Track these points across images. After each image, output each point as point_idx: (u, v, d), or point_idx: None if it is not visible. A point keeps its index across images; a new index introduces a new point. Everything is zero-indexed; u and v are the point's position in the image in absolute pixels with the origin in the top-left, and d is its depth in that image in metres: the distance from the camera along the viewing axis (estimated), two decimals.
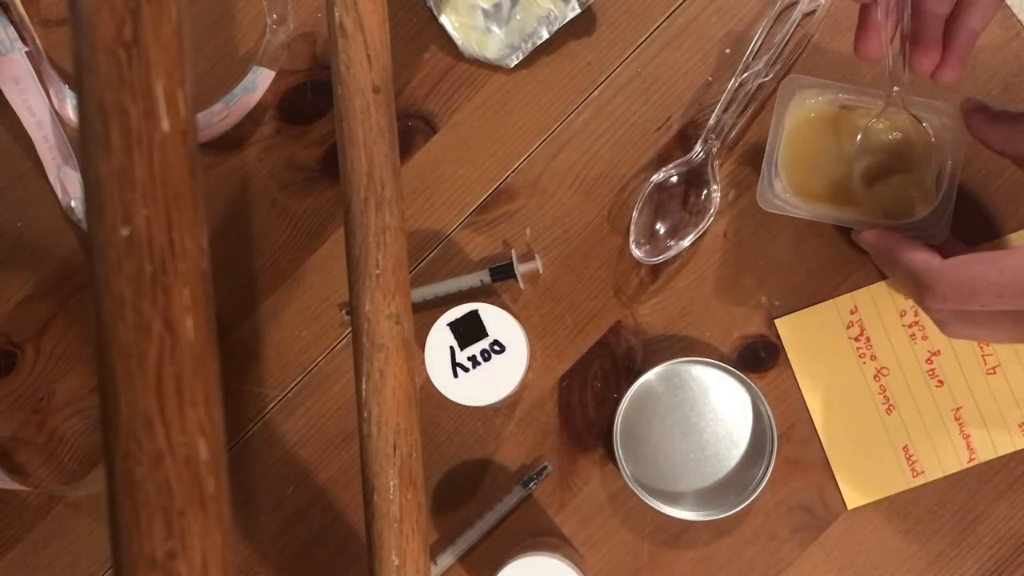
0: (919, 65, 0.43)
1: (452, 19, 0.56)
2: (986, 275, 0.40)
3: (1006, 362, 0.53)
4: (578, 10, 0.55)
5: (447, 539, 0.55)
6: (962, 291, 0.41)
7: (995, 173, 0.54)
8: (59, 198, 0.58)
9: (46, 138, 0.58)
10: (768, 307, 0.55)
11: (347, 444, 0.57)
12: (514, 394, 0.52)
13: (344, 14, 0.43)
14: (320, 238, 0.58)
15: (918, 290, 0.43)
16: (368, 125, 0.43)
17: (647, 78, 0.57)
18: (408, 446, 0.42)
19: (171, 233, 0.26)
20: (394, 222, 0.43)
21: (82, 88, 0.26)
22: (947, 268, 0.42)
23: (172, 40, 0.26)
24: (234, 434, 0.57)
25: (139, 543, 0.26)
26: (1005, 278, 0.40)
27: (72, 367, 0.58)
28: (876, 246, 0.48)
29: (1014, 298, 0.39)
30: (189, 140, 0.27)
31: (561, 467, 0.55)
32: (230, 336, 0.58)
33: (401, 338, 0.43)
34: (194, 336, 0.26)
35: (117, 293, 0.26)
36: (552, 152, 0.57)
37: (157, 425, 0.26)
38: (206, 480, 0.26)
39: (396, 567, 0.41)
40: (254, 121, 0.58)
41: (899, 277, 0.45)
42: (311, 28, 0.59)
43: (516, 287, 0.56)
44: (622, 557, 0.55)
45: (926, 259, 0.44)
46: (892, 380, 0.54)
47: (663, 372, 0.52)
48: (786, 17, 0.55)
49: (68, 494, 0.57)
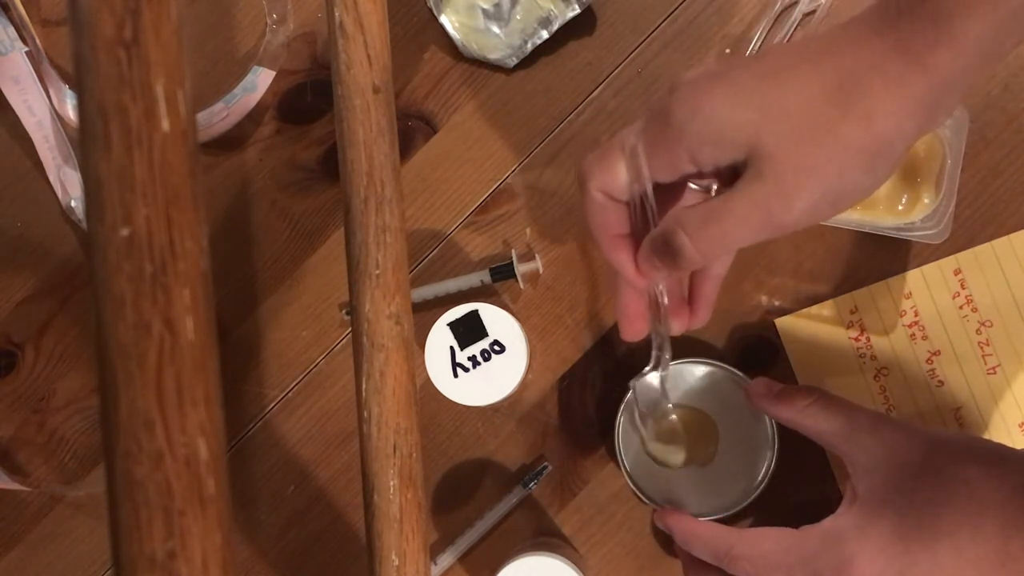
0: (673, 329, 0.45)
1: (452, 19, 0.56)
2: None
3: (1006, 362, 0.53)
4: (578, 10, 0.55)
5: (447, 539, 0.55)
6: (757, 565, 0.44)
7: (995, 173, 0.54)
8: (59, 198, 0.58)
9: (46, 138, 0.58)
10: (768, 307, 0.55)
11: (347, 444, 0.57)
12: (514, 394, 0.52)
13: (344, 14, 0.43)
14: (320, 238, 0.58)
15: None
16: (368, 125, 0.43)
17: (647, 78, 0.57)
18: (408, 446, 0.42)
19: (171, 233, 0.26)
20: (394, 222, 0.43)
21: (82, 88, 0.26)
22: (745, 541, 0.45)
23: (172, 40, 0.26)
24: (234, 434, 0.57)
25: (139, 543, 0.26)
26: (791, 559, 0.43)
27: (72, 367, 0.58)
28: (670, 527, 0.49)
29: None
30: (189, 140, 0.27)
31: (561, 467, 0.55)
32: (230, 336, 0.58)
33: (401, 338, 0.43)
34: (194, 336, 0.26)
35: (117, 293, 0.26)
36: (552, 152, 0.57)
37: (157, 425, 0.26)
38: (206, 480, 0.26)
39: (396, 567, 0.41)
40: (254, 121, 0.58)
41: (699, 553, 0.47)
42: (311, 28, 0.59)
43: (516, 287, 0.56)
44: (622, 557, 0.55)
45: (723, 534, 0.46)
46: (892, 380, 0.54)
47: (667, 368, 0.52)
48: (786, 17, 0.55)
49: (68, 494, 0.57)
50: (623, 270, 0.41)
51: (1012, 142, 0.54)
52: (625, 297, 0.43)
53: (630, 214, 0.40)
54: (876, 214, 0.51)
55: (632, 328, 0.44)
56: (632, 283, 0.41)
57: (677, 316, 0.44)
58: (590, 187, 0.39)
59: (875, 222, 0.51)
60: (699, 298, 0.44)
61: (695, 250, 0.36)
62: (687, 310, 0.44)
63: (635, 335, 0.44)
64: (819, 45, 0.35)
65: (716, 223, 0.35)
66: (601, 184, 0.39)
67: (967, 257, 0.54)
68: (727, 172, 0.36)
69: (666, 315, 0.43)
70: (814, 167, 0.34)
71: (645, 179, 0.38)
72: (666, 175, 0.37)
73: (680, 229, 0.36)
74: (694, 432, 0.52)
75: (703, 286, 0.44)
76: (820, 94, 0.34)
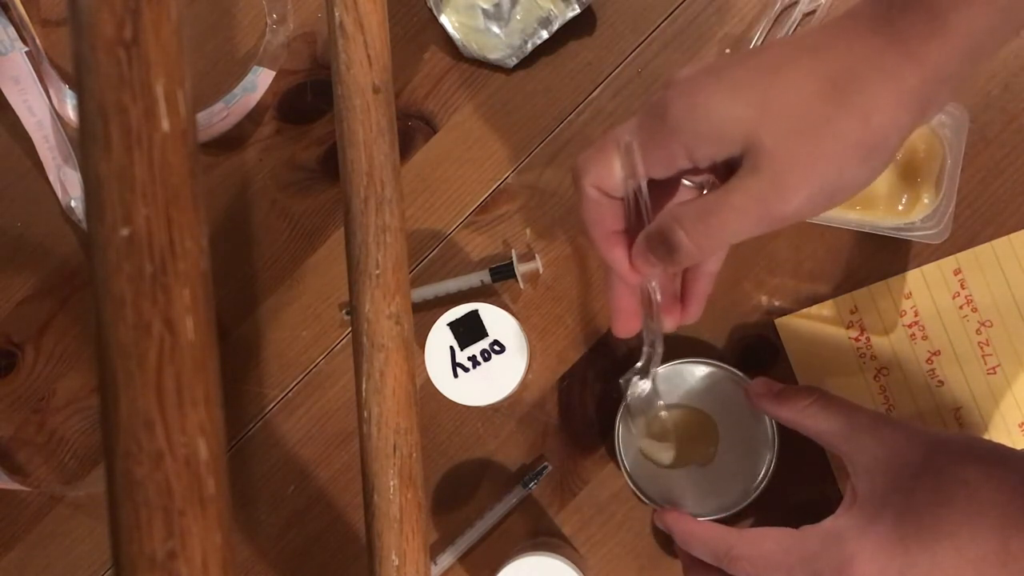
0: (666, 326, 0.45)
1: (452, 19, 0.56)
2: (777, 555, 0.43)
3: (1006, 362, 0.53)
4: (578, 10, 0.55)
5: (447, 539, 0.55)
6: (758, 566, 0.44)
7: (995, 173, 0.54)
8: (59, 198, 0.58)
9: (46, 138, 0.58)
10: (768, 307, 0.55)
11: (347, 444, 0.57)
12: (514, 394, 0.52)
13: (344, 14, 0.43)
14: (320, 238, 0.58)
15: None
16: (368, 125, 0.43)
17: (647, 78, 0.57)
18: (408, 446, 0.42)
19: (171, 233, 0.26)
20: (394, 222, 0.43)
21: (82, 88, 0.26)
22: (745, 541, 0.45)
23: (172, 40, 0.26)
24: (234, 434, 0.57)
25: (139, 543, 0.26)
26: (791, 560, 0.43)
27: (72, 367, 0.58)
28: (670, 527, 0.49)
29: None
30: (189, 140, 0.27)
31: (561, 467, 0.55)
32: (230, 336, 0.58)
33: (401, 338, 0.43)
34: (194, 336, 0.26)
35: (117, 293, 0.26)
36: (552, 152, 0.57)
37: (157, 425, 0.26)
38: (206, 480, 0.26)
39: (396, 567, 0.41)
40: (254, 121, 0.58)
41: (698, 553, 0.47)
42: (311, 28, 0.59)
43: (516, 287, 0.56)
44: (622, 557, 0.55)
45: (723, 534, 0.46)
46: (892, 380, 0.54)
47: (663, 372, 0.52)
48: (786, 17, 0.55)
49: (68, 494, 0.57)
50: (617, 266, 0.41)
51: (1012, 142, 0.54)
52: (618, 293, 0.43)
53: (624, 210, 0.40)
54: (876, 214, 0.51)
55: (625, 325, 0.44)
56: (626, 279, 0.41)
57: (669, 313, 0.44)
58: (584, 183, 0.39)
59: (875, 222, 0.51)
60: (692, 295, 0.44)
61: (692, 245, 0.36)
62: (679, 307, 0.45)
63: (628, 332, 0.44)
64: (813, 40, 0.35)
65: (713, 217, 0.36)
66: (595, 180, 0.39)
67: (967, 257, 0.54)
68: (722, 168, 0.36)
69: (658, 312, 0.43)
70: (811, 161, 0.34)
71: (640, 175, 0.38)
72: (662, 171, 0.37)
73: (677, 224, 0.37)
74: (694, 432, 0.52)
75: (696, 283, 0.44)
76: (815, 88, 0.34)
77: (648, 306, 0.43)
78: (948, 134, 0.50)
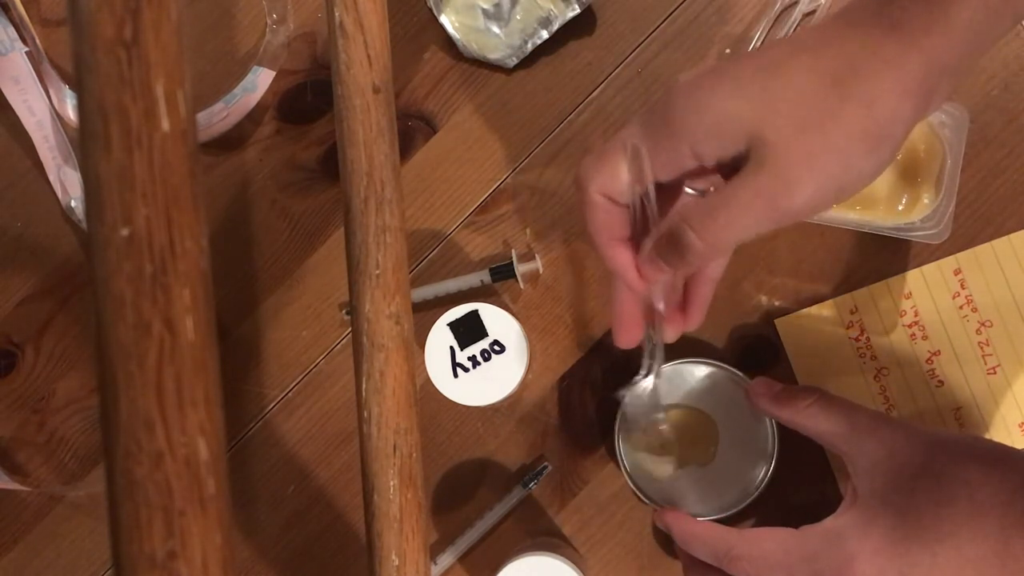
0: (669, 335, 0.45)
1: (452, 19, 0.56)
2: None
3: (1006, 362, 0.53)
4: (578, 10, 0.55)
5: (447, 539, 0.55)
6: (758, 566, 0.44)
7: (995, 173, 0.54)
8: (59, 198, 0.58)
9: (46, 138, 0.58)
10: (768, 307, 0.55)
11: (347, 444, 0.57)
12: (514, 394, 0.52)
13: (344, 14, 0.43)
14: (320, 238, 0.58)
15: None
16: (368, 125, 0.43)
17: (647, 78, 0.57)
18: (408, 446, 0.42)
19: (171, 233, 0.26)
20: (394, 222, 0.43)
21: (82, 88, 0.26)
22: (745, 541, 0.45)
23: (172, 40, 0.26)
24: (234, 434, 0.57)
25: (139, 543, 0.26)
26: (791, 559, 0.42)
27: (72, 367, 0.58)
28: (669, 527, 0.49)
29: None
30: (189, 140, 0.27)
31: (561, 467, 0.55)
32: (230, 336, 0.58)
33: (401, 338, 0.43)
34: (194, 336, 0.26)
35: (117, 293, 0.26)
36: (552, 152, 0.57)
37: (157, 425, 0.26)
38: (206, 480, 0.26)
39: (396, 567, 0.41)
40: (254, 121, 0.58)
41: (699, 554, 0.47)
42: (311, 28, 0.59)
43: (516, 287, 0.56)
44: (622, 557, 0.55)
45: (723, 534, 0.46)
46: (892, 380, 0.54)
47: (663, 372, 0.52)
48: (786, 17, 0.55)
49: (68, 494, 0.57)
50: (624, 274, 0.40)
51: (1012, 142, 0.54)
52: (622, 302, 0.43)
53: (631, 217, 0.40)
54: (876, 214, 0.51)
55: (628, 335, 0.44)
56: (633, 287, 0.41)
57: (671, 322, 0.44)
58: (591, 190, 0.39)
59: (875, 222, 0.51)
60: (694, 302, 0.44)
61: (702, 244, 0.36)
62: (680, 316, 0.45)
63: (630, 342, 0.44)
64: (815, 35, 0.35)
65: (721, 213, 0.35)
66: (602, 187, 0.39)
67: (967, 257, 0.54)
68: (728, 167, 0.36)
69: (661, 321, 0.43)
70: (816, 154, 0.34)
71: (648, 179, 0.37)
72: (668, 172, 0.37)
73: (685, 224, 0.36)
74: (694, 432, 0.52)
75: (699, 289, 0.44)
76: (818, 82, 0.34)
77: (650, 316, 0.43)
78: (948, 134, 0.50)
